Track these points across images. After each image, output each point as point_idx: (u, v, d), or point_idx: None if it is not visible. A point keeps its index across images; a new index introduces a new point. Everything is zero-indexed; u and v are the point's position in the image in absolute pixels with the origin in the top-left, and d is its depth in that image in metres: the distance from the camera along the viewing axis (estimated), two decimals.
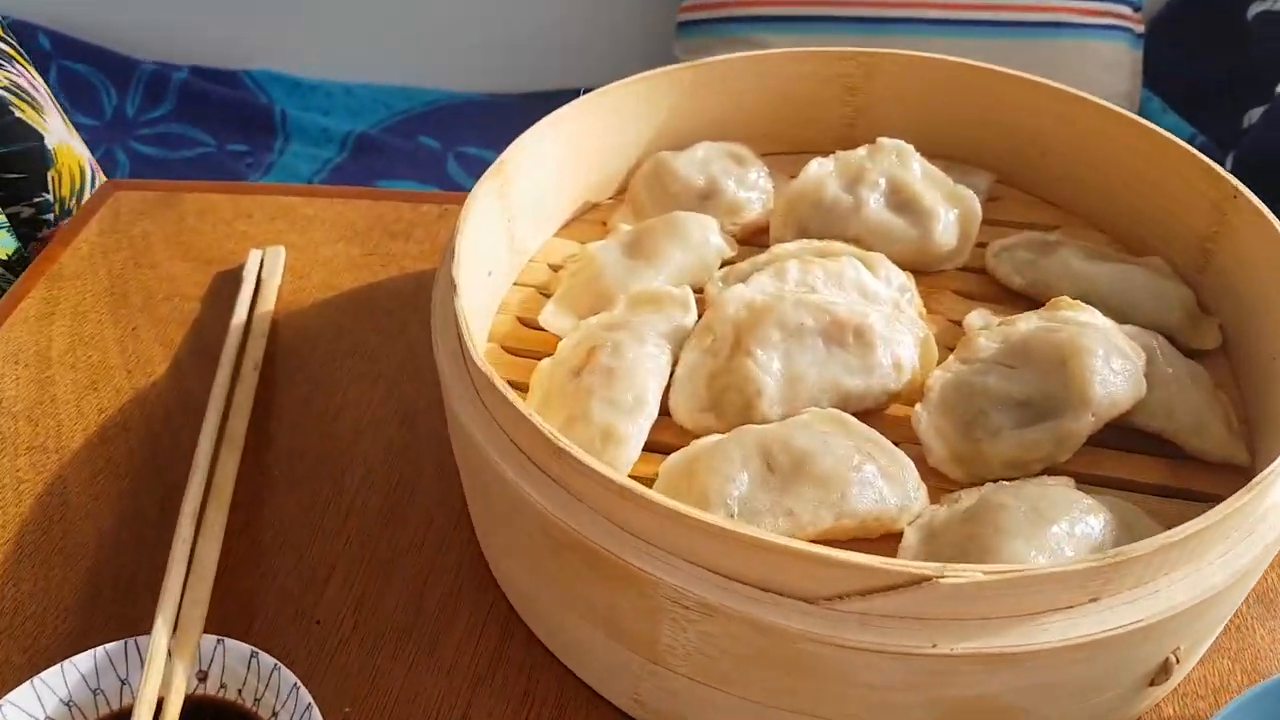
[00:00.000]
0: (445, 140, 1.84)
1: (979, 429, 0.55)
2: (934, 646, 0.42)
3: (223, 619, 0.57)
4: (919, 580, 0.42)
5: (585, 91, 0.70)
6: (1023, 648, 0.43)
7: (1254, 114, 1.48)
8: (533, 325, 0.65)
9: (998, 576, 0.42)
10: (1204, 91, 1.68)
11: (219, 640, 0.51)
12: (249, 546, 0.62)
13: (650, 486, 0.54)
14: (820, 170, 0.69)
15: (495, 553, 0.58)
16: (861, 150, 0.70)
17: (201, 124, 1.89)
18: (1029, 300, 0.66)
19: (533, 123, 0.68)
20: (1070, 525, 0.50)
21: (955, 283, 0.69)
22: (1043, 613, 0.44)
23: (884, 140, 0.70)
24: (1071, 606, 0.44)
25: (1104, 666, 0.45)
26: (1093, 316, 0.59)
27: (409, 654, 0.56)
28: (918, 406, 0.57)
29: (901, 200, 0.69)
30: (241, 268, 0.80)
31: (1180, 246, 0.68)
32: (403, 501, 0.64)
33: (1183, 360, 0.60)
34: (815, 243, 0.67)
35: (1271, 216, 0.60)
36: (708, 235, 0.68)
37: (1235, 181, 0.63)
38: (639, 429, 0.56)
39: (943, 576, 0.41)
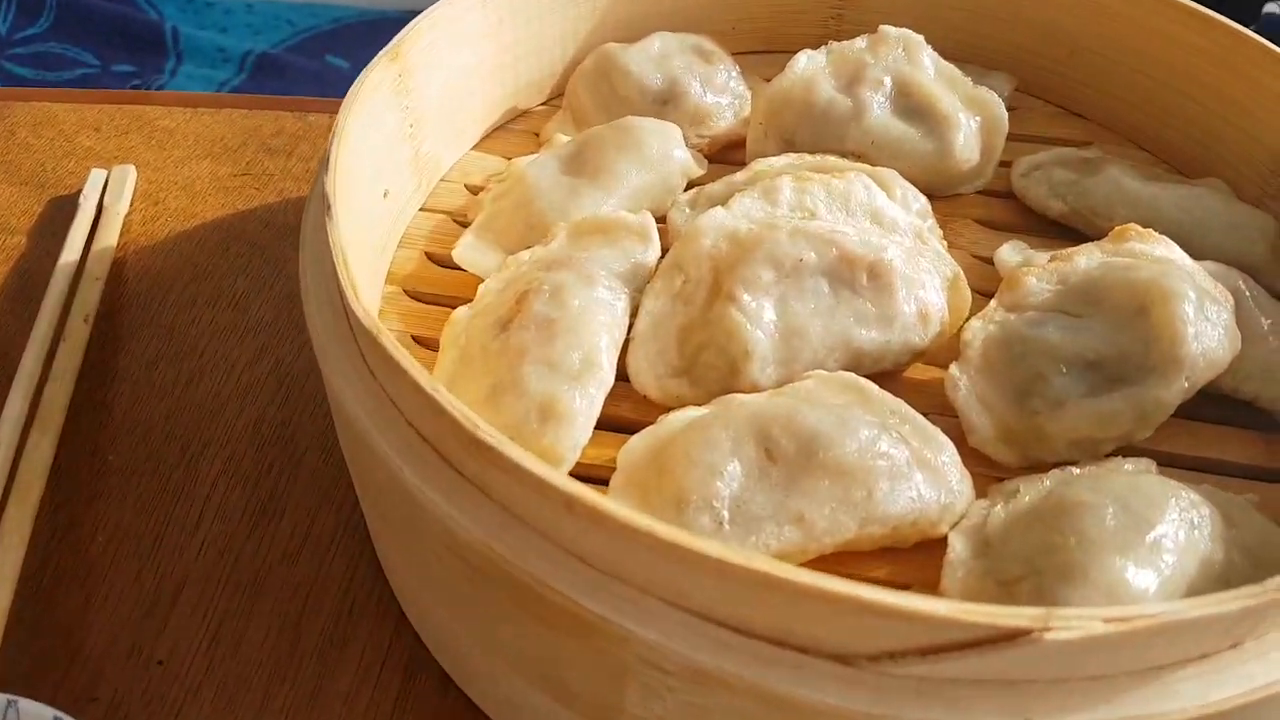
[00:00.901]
0: (355, 60, 1.68)
1: (1037, 398, 0.42)
2: None
3: (31, 660, 0.42)
4: (1012, 635, 0.28)
5: None
6: (1146, 718, 0.30)
7: None
8: (446, 263, 0.50)
9: (1124, 625, 0.28)
10: None
11: (10, 701, 0.37)
12: (71, 558, 0.47)
13: (606, 480, 0.40)
14: (810, 65, 0.55)
15: (397, 571, 0.44)
16: (860, 41, 0.56)
17: (84, 42, 1.75)
18: (1071, 232, 0.53)
19: None
20: (1175, 530, 0.37)
21: (977, 209, 0.56)
22: (1173, 665, 0.31)
23: (887, 29, 0.56)
24: (1206, 656, 0.31)
25: None
26: (1170, 250, 0.46)
27: (282, 704, 0.42)
28: (953, 368, 0.44)
29: (911, 104, 0.55)
30: (79, 193, 0.63)
31: (1248, 167, 0.55)
32: (275, 497, 0.49)
33: (1277, 306, 0.47)
34: (806, 157, 0.53)
35: None
36: (670, 148, 0.54)
37: None
38: (589, 401, 0.42)
39: (1047, 629, 0.28)
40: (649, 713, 0.33)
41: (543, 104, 0.61)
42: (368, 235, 0.47)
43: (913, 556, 0.40)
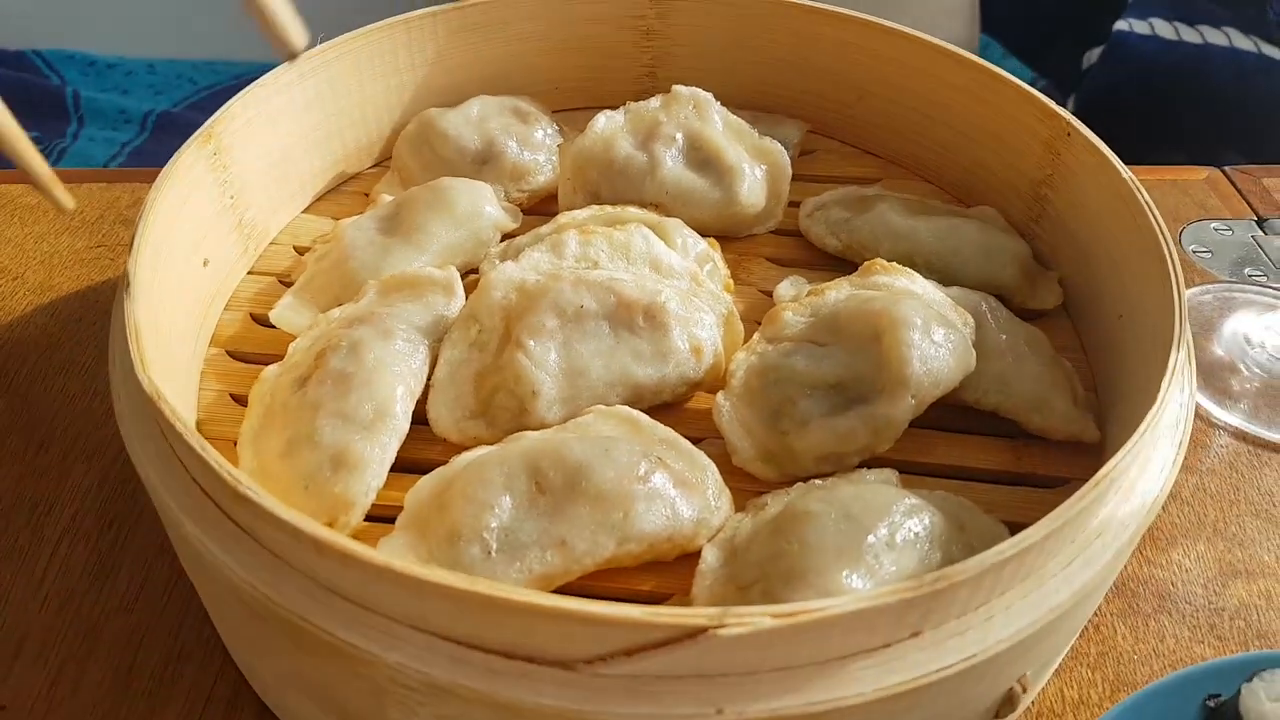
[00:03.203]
0: None
1: (786, 419, 0.47)
2: (719, 713, 0.34)
3: None
4: (695, 632, 0.33)
5: (325, 37, 0.59)
6: (830, 703, 0.34)
7: (1093, 54, 1.45)
8: (268, 323, 0.54)
9: (789, 620, 0.33)
10: (1044, 34, 1.65)
11: None
12: None
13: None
14: (609, 125, 0.60)
15: (212, 613, 0.47)
16: (655, 101, 0.61)
17: None
18: (851, 265, 0.58)
19: None
20: (891, 532, 0.41)
21: (769, 248, 0.61)
22: (853, 656, 0.35)
23: (679, 89, 0.61)
24: (889, 645, 0.36)
25: (934, 713, 0.37)
26: (911, 280, 0.51)
27: None
28: (719, 396, 0.49)
29: (702, 157, 0.60)
30: None
31: (1014, 194, 0.61)
32: (115, 549, 0.52)
33: (1018, 324, 0.53)
34: (608, 209, 0.57)
35: (1109, 153, 0.53)
36: (480, 204, 0.58)
37: (1069, 117, 0.56)
38: (381, 448, 0.46)
39: (721, 626, 0.33)
40: None
41: (373, 166, 0.66)
42: (187, 303, 0.51)
43: (677, 568, 0.44)
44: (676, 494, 0.44)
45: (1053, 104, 0.56)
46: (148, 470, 0.40)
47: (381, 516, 0.46)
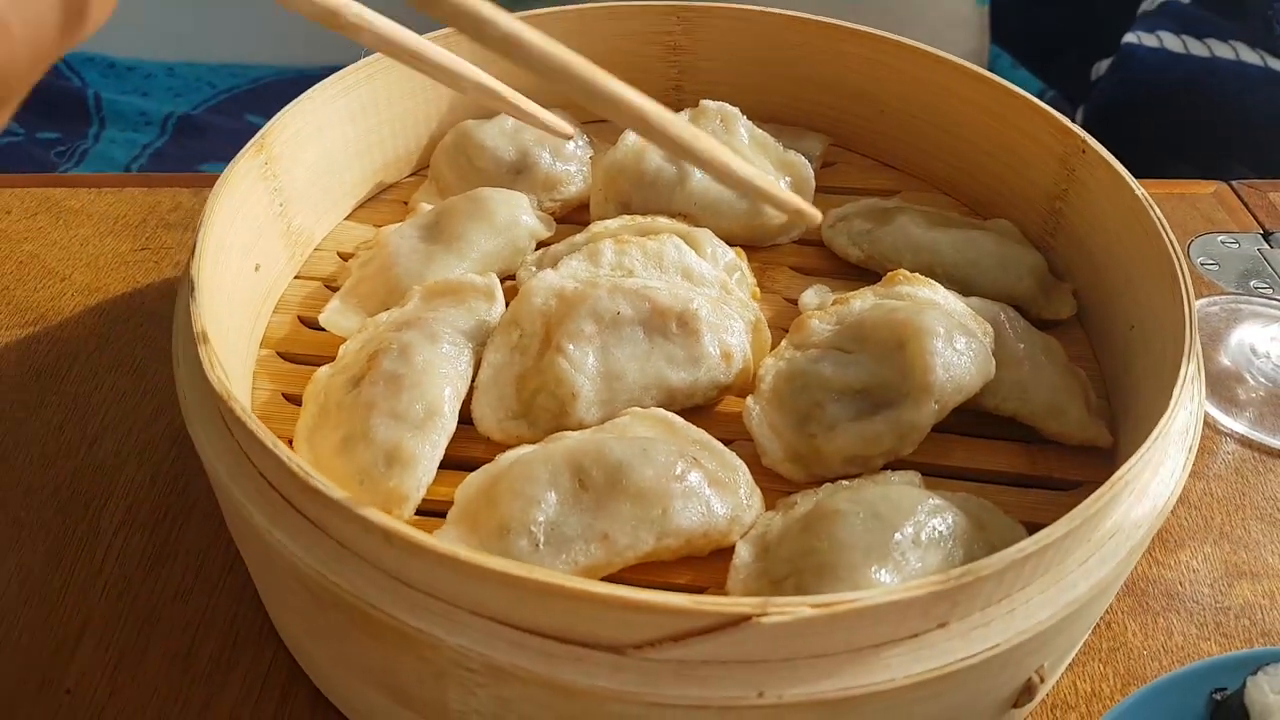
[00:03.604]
0: None
1: (814, 423, 0.49)
2: (760, 695, 0.36)
3: None
4: (739, 619, 0.35)
5: (369, 52, 0.61)
6: (863, 688, 0.37)
7: (1101, 65, 1.47)
8: (316, 326, 0.57)
9: (827, 610, 0.35)
10: (1053, 46, 1.68)
11: None
12: None
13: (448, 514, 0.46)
14: (639, 139, 0.62)
15: (269, 602, 0.50)
16: (684, 114, 0.63)
17: None
18: (871, 275, 0.61)
19: None
20: (916, 531, 0.44)
21: (793, 257, 0.63)
22: (884, 645, 0.37)
23: (707, 103, 0.63)
24: (917, 635, 0.38)
25: (959, 699, 0.40)
26: (933, 291, 0.53)
27: None
28: (749, 399, 0.51)
29: None
30: None
31: (1029, 208, 0.63)
32: (170, 541, 0.55)
33: (1035, 334, 0.55)
34: (638, 219, 0.60)
35: (1122, 170, 0.56)
36: (517, 214, 0.61)
37: (1083, 134, 0.58)
38: (432, 446, 0.48)
39: (764, 614, 0.35)
40: (467, 706, 0.39)
41: (410, 175, 0.68)
42: (240, 306, 0.53)
43: (712, 563, 0.47)
44: (711, 492, 0.46)
45: (1067, 121, 0.59)
46: (216, 465, 0.42)
47: (430, 511, 0.48)
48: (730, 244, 0.60)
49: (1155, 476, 0.44)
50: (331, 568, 0.38)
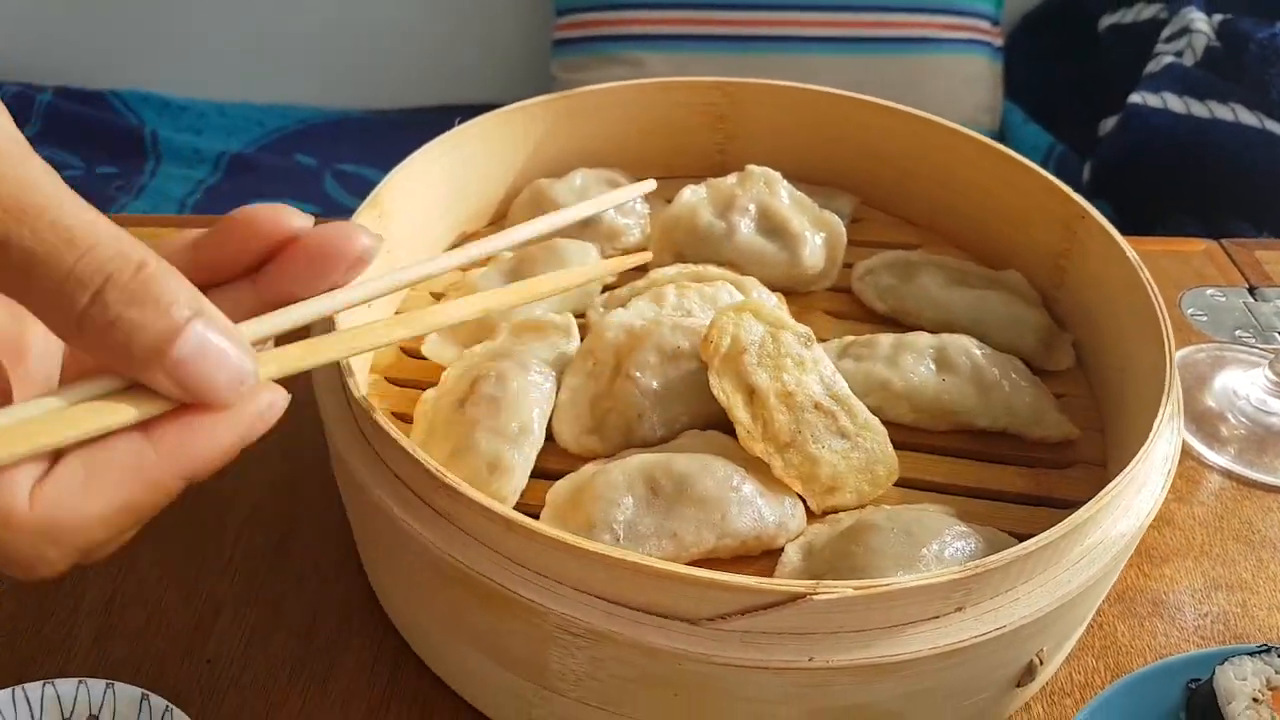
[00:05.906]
0: (322, 158, 1.82)
1: None
2: (810, 660, 0.44)
3: (110, 663, 0.57)
4: (794, 597, 0.44)
5: (461, 120, 0.71)
6: (894, 657, 0.45)
7: (1108, 123, 1.55)
8: (416, 355, 0.66)
9: (867, 591, 0.44)
10: (1063, 102, 1.76)
11: (108, 684, 0.51)
12: (134, 588, 0.61)
13: (537, 513, 0.55)
14: (693, 197, 0.71)
15: (383, 586, 0.58)
16: (731, 178, 0.72)
17: (69, 147, 1.82)
18: (895, 322, 0.69)
19: (410, 139, 0.68)
20: (940, 549, 0.52)
21: (825, 303, 0.72)
22: (912, 623, 0.46)
23: (752, 168, 0.72)
24: (938, 617, 0.46)
25: (972, 671, 0.48)
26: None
27: (302, 688, 0.56)
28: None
29: (771, 225, 0.71)
30: None
31: (1038, 263, 0.72)
32: (288, 538, 0.64)
33: (1001, 357, 0.64)
34: (692, 267, 0.69)
35: (1117, 236, 0.64)
36: (588, 261, 0.69)
37: (1083, 202, 0.67)
38: (525, 457, 0.57)
39: (816, 593, 0.43)
40: (564, 666, 0.47)
41: (487, 225, 0.77)
42: None
43: (762, 562, 0.55)
44: (762, 502, 0.55)
45: (1069, 189, 0.68)
46: (356, 466, 0.51)
47: (521, 511, 0.56)
48: (772, 289, 0.68)
49: (1138, 495, 0.53)
50: (457, 550, 0.47)
